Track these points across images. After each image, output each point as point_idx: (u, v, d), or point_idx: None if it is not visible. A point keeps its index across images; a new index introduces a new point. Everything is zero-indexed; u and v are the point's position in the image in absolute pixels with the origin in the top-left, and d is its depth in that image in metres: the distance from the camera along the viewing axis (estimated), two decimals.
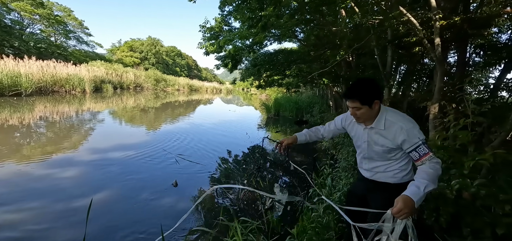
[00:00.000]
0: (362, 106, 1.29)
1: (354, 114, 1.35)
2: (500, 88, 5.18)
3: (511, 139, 4.00)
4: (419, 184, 1.12)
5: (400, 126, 1.27)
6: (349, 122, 1.54)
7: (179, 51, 52.39)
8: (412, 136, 1.23)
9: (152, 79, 29.99)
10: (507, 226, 1.34)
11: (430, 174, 1.14)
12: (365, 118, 1.35)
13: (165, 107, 14.19)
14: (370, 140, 1.41)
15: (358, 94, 1.29)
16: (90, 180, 3.72)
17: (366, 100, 1.28)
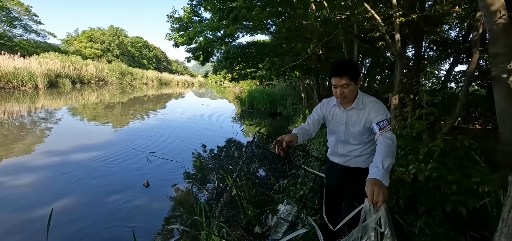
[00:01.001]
0: (350, 82, 1.37)
1: (342, 93, 1.40)
2: (450, 80, 5.84)
3: (458, 126, 4.53)
4: (377, 163, 1.12)
5: (373, 103, 1.41)
6: (328, 107, 1.60)
7: (145, 43, 49.25)
8: (382, 111, 1.36)
9: (117, 72, 27.88)
10: (454, 203, 1.54)
11: (384, 150, 1.17)
12: (350, 97, 1.42)
13: (132, 103, 13.37)
14: (348, 121, 1.48)
15: (348, 70, 1.37)
16: (50, 186, 3.39)
17: (354, 76, 1.37)
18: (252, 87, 17.12)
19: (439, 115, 2.43)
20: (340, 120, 1.52)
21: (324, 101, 1.65)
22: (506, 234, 0.67)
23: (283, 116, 10.68)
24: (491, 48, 1.93)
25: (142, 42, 48.20)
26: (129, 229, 2.53)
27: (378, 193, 1.01)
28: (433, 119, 2.14)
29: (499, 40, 1.83)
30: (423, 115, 2.15)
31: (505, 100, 1.98)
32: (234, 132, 7.35)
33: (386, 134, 1.29)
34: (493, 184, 1.54)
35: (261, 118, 10.32)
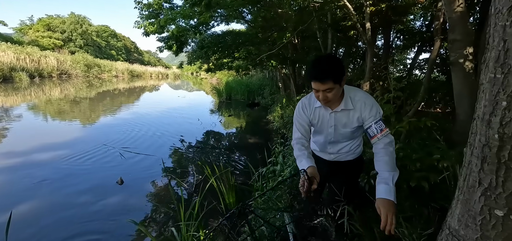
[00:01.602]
0: (335, 85, 1.14)
1: (325, 98, 1.18)
2: (415, 67, 6.26)
3: (421, 110, 4.90)
4: (387, 180, 1.12)
5: (363, 101, 1.23)
6: (311, 110, 1.38)
7: (113, 32, 45.74)
8: (375, 109, 1.22)
9: (82, 64, 25.72)
10: (417, 179, 1.68)
11: (389, 162, 1.15)
12: (334, 100, 1.22)
13: (102, 97, 12.51)
14: (337, 123, 1.32)
15: (331, 73, 1.13)
16: (8, 190, 3.09)
17: (338, 78, 1.14)
18: (229, 78, 16.91)
19: (405, 100, 2.61)
20: (328, 123, 1.34)
21: (304, 103, 1.39)
22: (462, 201, 0.74)
23: (261, 106, 10.74)
24: (450, 35, 2.09)
25: (109, 31, 44.72)
26: (100, 231, 2.41)
27: (392, 219, 1.01)
28: (400, 103, 2.29)
29: (456, 27, 1.99)
30: (391, 100, 2.29)
31: (462, 84, 2.17)
32: (212, 124, 7.25)
33: (386, 139, 1.19)
34: (451, 159, 1.70)
35: (240, 109, 10.27)
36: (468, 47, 2.02)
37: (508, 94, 0.56)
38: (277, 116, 7.13)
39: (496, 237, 0.68)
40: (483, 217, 0.68)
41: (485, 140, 0.63)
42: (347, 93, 1.25)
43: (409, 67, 6.35)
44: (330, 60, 1.16)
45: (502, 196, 0.63)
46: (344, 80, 1.18)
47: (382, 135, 1.19)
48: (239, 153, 4.88)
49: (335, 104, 1.27)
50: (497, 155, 0.61)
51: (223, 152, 4.93)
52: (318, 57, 1.20)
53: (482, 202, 0.67)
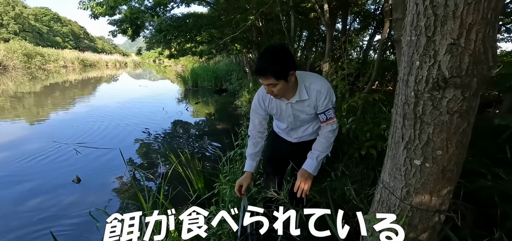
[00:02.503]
0: (277, 81, 1.11)
1: (270, 92, 1.18)
2: (370, 49, 6.72)
3: (375, 88, 5.31)
4: (313, 155, 1.31)
5: (318, 90, 1.23)
6: (268, 102, 1.36)
7: (55, 15, 39.88)
8: (328, 99, 1.24)
9: (20, 54, 22.24)
10: (367, 148, 1.85)
11: (323, 144, 1.31)
12: (283, 93, 1.20)
13: (50, 91, 11.11)
14: (295, 112, 1.33)
15: (270, 69, 1.09)
16: None
17: (281, 74, 1.10)
18: (195, 65, 16.27)
19: (359, 78, 2.81)
20: (286, 112, 1.34)
21: (260, 96, 1.36)
22: (391, 156, 0.84)
23: (229, 92, 10.63)
24: (394, 14, 2.26)
25: (50, 15, 39.00)
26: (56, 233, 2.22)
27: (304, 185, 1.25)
28: (352, 80, 2.46)
29: (399, 6, 2.15)
30: (346, 77, 2.45)
31: None
32: (179, 112, 6.99)
33: (331, 127, 1.28)
34: None
35: (207, 96, 10.04)
36: None
37: (420, 54, 0.63)
38: (244, 101, 7.14)
39: (416, 183, 0.79)
40: (406, 168, 0.78)
41: (405, 98, 0.71)
42: (302, 82, 1.23)
43: (365, 49, 6.80)
44: (274, 55, 1.11)
45: (419, 147, 0.73)
46: (291, 75, 1.14)
47: (328, 123, 1.29)
48: (208, 139, 4.82)
49: (289, 95, 1.24)
50: (414, 110, 0.70)
51: (191, 140, 4.82)
52: (264, 49, 1.16)
53: (405, 155, 0.77)
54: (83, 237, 2.23)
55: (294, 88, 1.23)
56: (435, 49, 0.60)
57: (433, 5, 0.58)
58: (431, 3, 0.58)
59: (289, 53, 1.15)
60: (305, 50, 8.18)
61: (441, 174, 0.74)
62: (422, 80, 0.65)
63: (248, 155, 1.46)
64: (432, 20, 0.59)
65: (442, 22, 0.58)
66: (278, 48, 1.14)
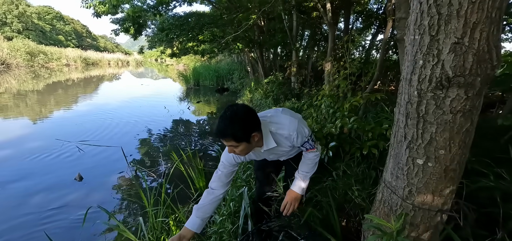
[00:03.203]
0: (238, 144, 1.06)
1: (233, 152, 1.12)
2: (372, 48, 6.70)
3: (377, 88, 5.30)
4: (300, 176, 1.38)
5: (286, 136, 1.18)
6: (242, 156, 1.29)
7: (58, 13, 40.11)
8: (299, 138, 1.20)
9: (23, 52, 22.35)
10: (369, 147, 1.84)
11: (309, 166, 1.36)
12: (246, 153, 1.14)
13: (52, 89, 11.18)
14: (274, 154, 1.32)
15: (230, 132, 1.04)
16: None
17: (241, 138, 1.05)
18: (197, 64, 16.29)
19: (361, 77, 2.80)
20: (263, 155, 1.30)
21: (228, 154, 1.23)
22: (393, 156, 0.84)
23: (231, 91, 10.64)
24: (397, 13, 2.25)
25: (53, 13, 39.22)
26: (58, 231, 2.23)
27: (289, 206, 1.35)
28: (355, 79, 2.45)
29: (402, 5, 2.14)
30: (348, 77, 2.44)
31: None
32: (181, 111, 7.01)
33: (313, 154, 1.33)
34: None
35: (209, 95, 10.05)
36: None
37: (423, 53, 0.63)
38: (246, 100, 7.14)
39: (418, 183, 0.78)
40: (408, 167, 0.78)
41: (407, 97, 0.71)
42: (268, 130, 1.16)
43: (367, 49, 6.78)
44: (234, 117, 1.04)
45: (421, 146, 0.73)
46: (254, 136, 1.08)
47: (310, 152, 1.32)
48: (209, 138, 4.83)
49: (258, 146, 1.18)
50: (417, 110, 0.70)
51: (192, 139, 4.83)
52: (225, 110, 1.08)
53: (407, 154, 0.77)
54: (84, 234, 2.24)
55: (261, 140, 1.16)
56: (439, 48, 0.60)
57: (437, 4, 0.58)
58: (435, 2, 0.58)
59: (251, 114, 1.09)
60: (307, 49, 8.16)
61: (443, 173, 0.74)
62: (425, 79, 0.64)
63: (194, 208, 1.26)
64: (436, 19, 0.59)
65: (446, 21, 0.58)
66: (239, 110, 1.07)
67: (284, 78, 6.14)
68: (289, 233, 1.34)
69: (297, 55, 6.00)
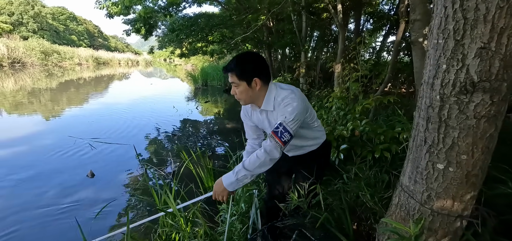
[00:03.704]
0: (239, 82, 1.12)
1: (235, 93, 1.18)
2: (383, 50, 6.61)
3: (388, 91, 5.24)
4: (236, 168, 1.17)
5: (281, 101, 1.13)
6: (250, 112, 1.35)
7: (71, 14, 41.31)
8: (283, 112, 1.11)
9: (38, 51, 23.07)
10: (381, 150, 1.83)
11: (252, 160, 1.13)
12: (245, 98, 1.18)
13: (65, 87, 11.49)
14: (270, 122, 1.25)
15: (235, 68, 1.11)
16: None
17: (243, 75, 1.11)
18: (205, 64, 16.43)
19: (372, 79, 2.78)
20: (264, 123, 1.29)
21: (243, 108, 1.37)
22: (411, 160, 0.83)
23: None
24: (412, 15, 2.22)
25: (67, 14, 40.38)
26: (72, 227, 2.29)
27: (221, 197, 1.18)
28: (367, 82, 2.43)
29: (417, 7, 2.12)
30: (359, 79, 2.42)
31: (421, 61, 2.35)
32: (189, 111, 7.08)
33: (266, 143, 1.12)
34: (410, 131, 1.87)
35: (216, 95, 10.12)
36: (427, 26, 2.18)
37: (447, 57, 0.63)
38: None
39: (438, 188, 0.78)
40: (428, 172, 0.78)
41: (429, 101, 0.70)
42: (272, 93, 1.17)
43: (378, 50, 6.69)
44: (243, 57, 1.14)
45: (442, 151, 0.72)
46: (255, 82, 1.12)
47: (268, 138, 1.12)
48: (217, 138, 4.87)
49: (257, 104, 1.22)
50: (438, 114, 0.69)
51: (200, 138, 4.88)
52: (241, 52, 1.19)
53: (427, 158, 0.76)
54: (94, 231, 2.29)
55: (263, 97, 1.18)
56: (464, 53, 0.60)
57: (463, 8, 0.57)
58: (461, 7, 0.57)
59: (258, 60, 1.14)
60: (315, 50, 8.12)
61: (465, 178, 0.73)
62: (449, 83, 0.64)
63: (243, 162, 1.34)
64: (461, 23, 0.58)
65: (472, 25, 0.57)
66: (249, 53, 1.17)
67: (293, 79, 6.13)
68: (303, 232, 1.33)
69: (306, 56, 5.98)
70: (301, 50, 5.68)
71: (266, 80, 1.16)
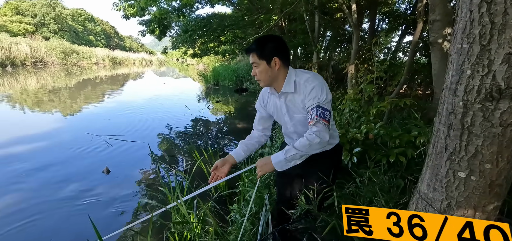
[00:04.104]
0: (259, 61, 1.15)
1: (254, 74, 1.21)
2: (399, 50, 6.42)
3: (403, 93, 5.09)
4: (285, 149, 1.16)
5: (306, 83, 1.15)
6: (266, 99, 1.36)
7: (89, 15, 43.01)
8: (314, 94, 1.11)
9: (58, 51, 24.17)
10: (396, 155, 1.78)
11: (302, 142, 1.12)
12: (264, 78, 1.19)
13: (83, 86, 11.96)
14: (288, 109, 1.26)
15: (255, 47, 1.16)
16: None
17: (263, 55, 1.14)
18: (216, 64, 16.59)
19: (388, 81, 2.70)
20: (281, 109, 1.28)
21: (261, 93, 1.38)
22: (431, 167, 0.81)
23: (250, 91, 10.70)
24: (431, 15, 2.15)
25: (85, 15, 42.06)
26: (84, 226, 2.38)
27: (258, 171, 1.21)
28: (382, 84, 2.37)
29: (437, 7, 2.05)
30: (374, 81, 2.37)
31: (440, 63, 2.27)
32: (200, 110, 7.18)
33: (312, 129, 1.10)
34: (427, 135, 1.81)
35: (228, 95, 10.20)
36: (447, 27, 2.10)
37: (472, 63, 0.60)
38: None
39: (459, 196, 0.75)
40: (448, 180, 0.75)
41: (451, 108, 0.68)
42: (292, 76, 1.19)
43: (393, 51, 6.51)
44: (264, 37, 1.19)
45: (464, 159, 0.70)
46: (274, 61, 1.15)
47: (311, 124, 1.11)
48: (228, 137, 4.91)
49: (278, 86, 1.23)
50: (461, 121, 0.66)
51: (212, 137, 4.93)
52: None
53: (448, 166, 0.74)
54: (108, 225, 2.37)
55: (283, 79, 1.20)
56: (490, 58, 0.57)
57: (490, 13, 0.55)
58: (487, 11, 0.55)
59: (279, 42, 1.18)
60: (328, 50, 8.00)
61: (488, 188, 0.70)
62: (473, 90, 0.62)
63: (239, 143, 1.43)
64: (488, 28, 0.56)
65: (499, 30, 0.55)
66: (271, 35, 1.26)
67: None
68: (313, 236, 1.32)
69: (318, 56, 5.91)
70: (313, 51, 5.62)
71: (286, 62, 1.19)
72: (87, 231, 2.26)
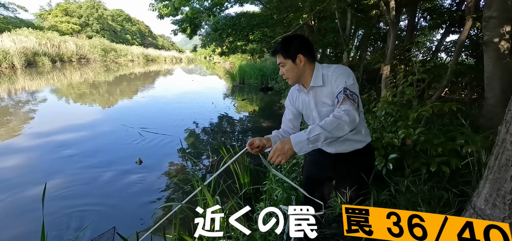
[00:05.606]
0: (285, 60, 1.20)
1: (282, 73, 1.25)
2: (440, 50, 5.89)
3: (444, 96, 4.66)
4: (310, 128, 1.04)
5: (333, 73, 1.17)
6: (295, 97, 1.38)
7: (127, 16, 46.29)
8: (341, 79, 1.13)
9: (99, 49, 26.43)
10: (438, 164, 1.63)
11: (329, 121, 1.03)
12: (291, 76, 1.23)
13: (119, 81, 12.91)
14: (317, 103, 1.25)
15: (281, 48, 1.21)
16: (40, 166, 3.34)
17: (288, 53, 1.19)
18: (242, 62, 16.78)
19: (429, 83, 2.49)
20: (309, 105, 1.29)
21: (291, 90, 1.41)
22: (491, 180, 0.72)
23: (275, 91, 10.65)
24: (486, 12, 1.93)
25: (124, 16, 45.34)
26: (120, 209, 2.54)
27: (276, 158, 1.03)
28: (423, 86, 2.19)
29: (494, 3, 1.83)
30: (414, 83, 2.19)
31: (494, 65, 2.03)
32: (226, 107, 7.32)
33: (340, 107, 1.06)
34: (476, 145, 1.62)
35: (253, 93, 10.26)
36: (505, 25, 1.86)
37: None
38: None
39: None
40: None
41: None
42: (319, 71, 1.22)
43: (434, 50, 5.99)
44: (288, 37, 1.24)
45: None
46: (299, 58, 1.19)
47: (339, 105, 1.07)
48: (253, 135, 4.93)
49: (306, 82, 1.26)
50: None
51: (237, 135, 5.00)
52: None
53: None
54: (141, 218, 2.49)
55: (310, 75, 1.23)
56: None
57: None
58: None
59: (303, 40, 1.23)
60: (359, 50, 7.63)
61: None
62: None
63: (273, 131, 1.40)
64: None
65: None
66: (295, 34, 1.27)
67: None
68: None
69: (348, 56, 5.66)
70: (344, 50, 5.40)
71: (311, 58, 1.22)
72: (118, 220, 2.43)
